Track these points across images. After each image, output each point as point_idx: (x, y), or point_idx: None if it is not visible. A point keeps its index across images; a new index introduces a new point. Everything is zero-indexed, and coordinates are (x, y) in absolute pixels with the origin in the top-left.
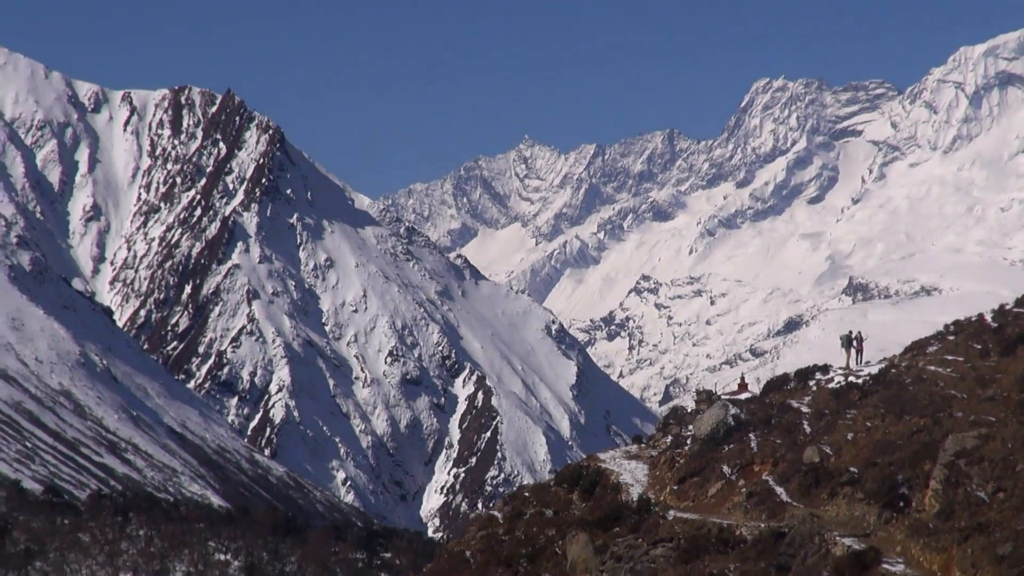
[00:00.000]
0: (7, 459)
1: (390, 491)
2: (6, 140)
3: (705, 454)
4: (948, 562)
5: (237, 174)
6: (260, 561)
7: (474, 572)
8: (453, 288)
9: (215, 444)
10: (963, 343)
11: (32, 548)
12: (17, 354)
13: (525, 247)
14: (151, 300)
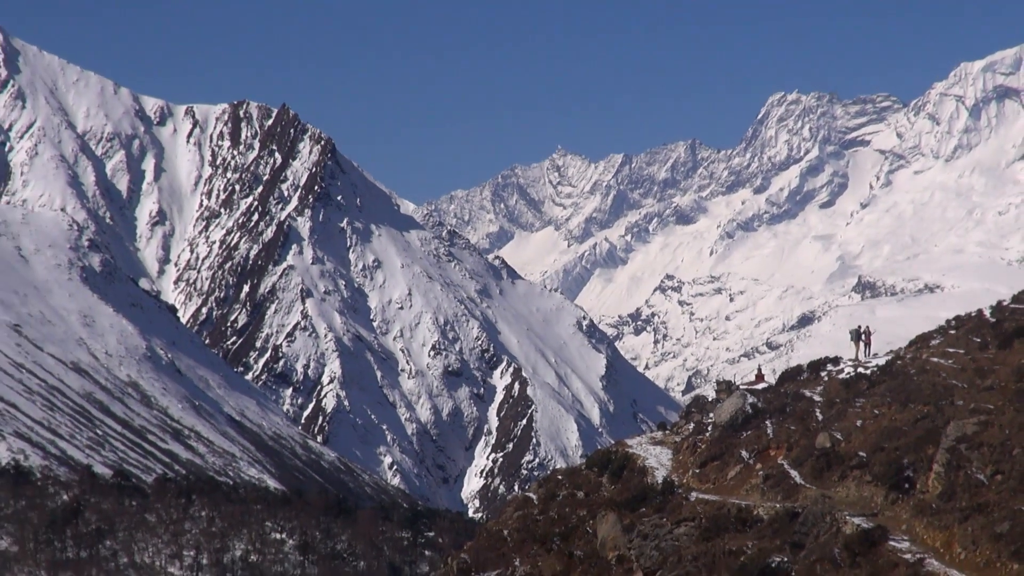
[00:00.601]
0: (79, 445)
1: (433, 474)
2: (78, 151)
3: (725, 440)
4: (950, 540)
5: (291, 182)
6: (313, 540)
7: (511, 549)
8: (491, 287)
9: (271, 431)
10: (963, 337)
11: (102, 528)
12: (89, 348)
13: (558, 249)
14: (212, 298)
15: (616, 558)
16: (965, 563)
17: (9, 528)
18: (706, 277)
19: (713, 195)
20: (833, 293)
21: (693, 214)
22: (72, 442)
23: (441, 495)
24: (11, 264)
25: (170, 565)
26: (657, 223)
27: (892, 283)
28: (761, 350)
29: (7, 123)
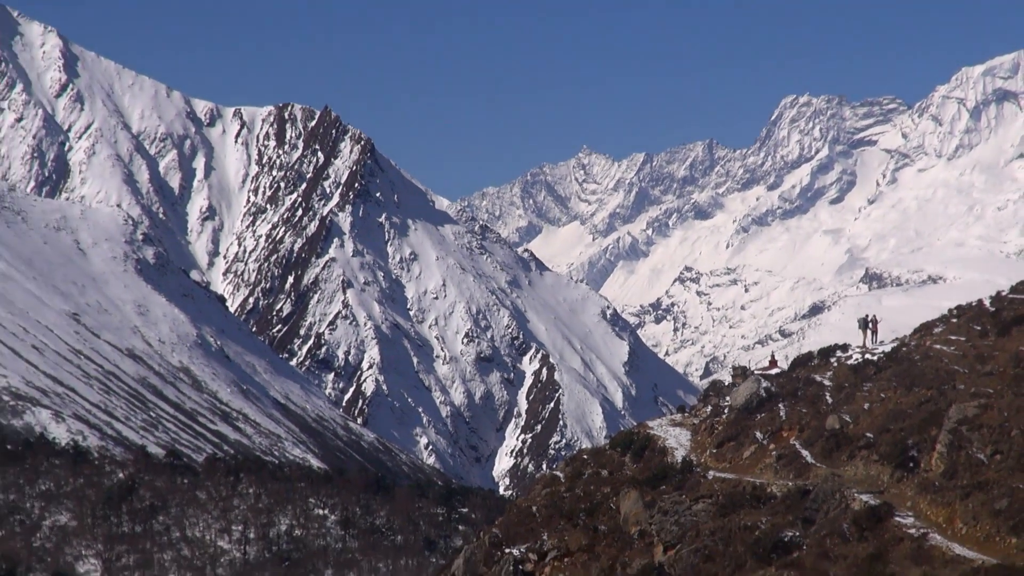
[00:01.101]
0: (134, 427)
1: (466, 454)
2: (133, 150)
3: (740, 422)
4: (952, 515)
5: (333, 180)
6: (354, 515)
7: (539, 525)
8: (521, 278)
9: (314, 414)
10: (965, 325)
11: (156, 504)
12: (143, 336)
13: (583, 242)
14: (259, 289)
15: (638, 533)
16: (966, 538)
17: (68, 504)
18: (722, 269)
19: (729, 192)
20: (842, 284)
21: (710, 210)
22: (127, 424)
23: (474, 474)
24: (70, 257)
25: (219, 539)
26: (676, 218)
27: (897, 275)
28: (774, 338)
29: (67, 124)
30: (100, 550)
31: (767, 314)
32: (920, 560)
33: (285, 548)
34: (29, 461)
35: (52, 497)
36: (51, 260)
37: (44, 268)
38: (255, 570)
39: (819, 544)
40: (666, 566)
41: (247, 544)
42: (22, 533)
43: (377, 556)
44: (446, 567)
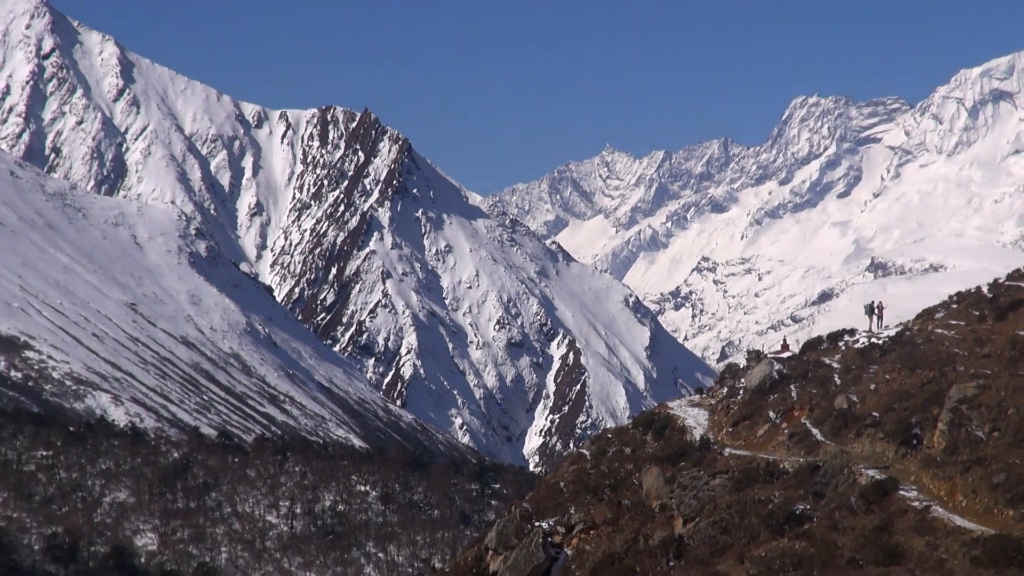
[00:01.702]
0: (188, 409)
1: (498, 434)
2: (186, 151)
3: (754, 402)
4: (953, 489)
5: (373, 177)
6: (393, 491)
7: (567, 499)
8: (549, 268)
9: (356, 396)
10: (964, 311)
11: (208, 481)
12: (196, 324)
13: (607, 235)
14: (304, 280)
15: (659, 506)
16: (966, 510)
17: (127, 482)
18: (737, 259)
19: (743, 187)
20: (849, 273)
21: (726, 204)
22: (181, 406)
23: (505, 452)
24: (127, 251)
25: (268, 514)
26: (694, 212)
27: (901, 263)
28: (786, 323)
29: (124, 127)
30: (156, 525)
31: (779, 301)
32: (923, 531)
33: (329, 522)
34: (90, 442)
35: (112, 475)
36: (110, 254)
37: (104, 261)
38: (301, 543)
39: (829, 516)
40: (685, 537)
41: (294, 519)
42: (84, 509)
43: (415, 529)
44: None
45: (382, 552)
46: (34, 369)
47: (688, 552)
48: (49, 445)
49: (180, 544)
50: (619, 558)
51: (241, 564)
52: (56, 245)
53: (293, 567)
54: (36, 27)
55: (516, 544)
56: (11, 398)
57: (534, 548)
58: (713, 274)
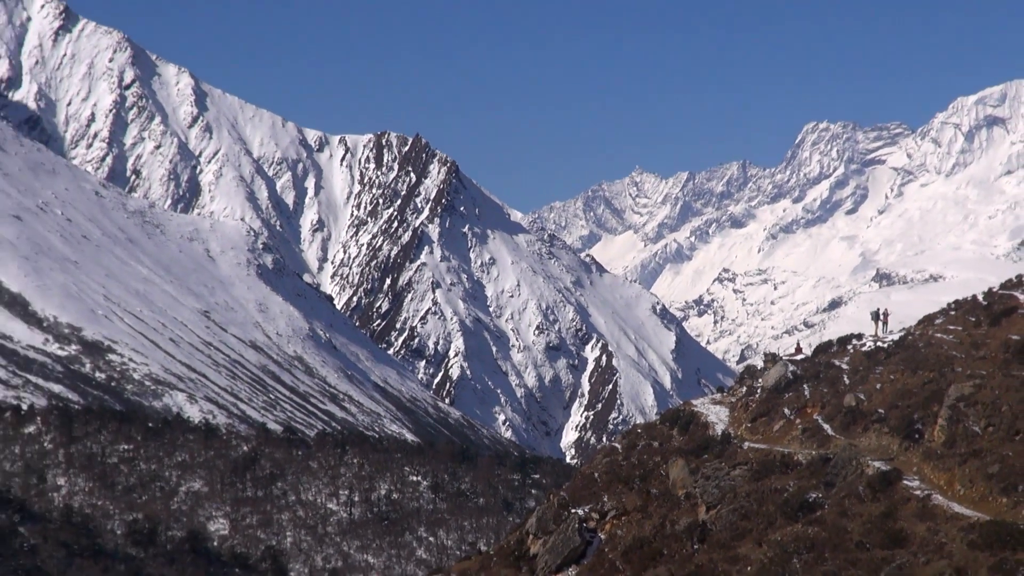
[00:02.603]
0: (256, 407)
1: (538, 429)
2: (254, 172)
3: (771, 400)
4: (951, 479)
5: (423, 196)
6: (442, 481)
7: (600, 488)
8: (583, 279)
9: (409, 395)
10: (961, 317)
11: (274, 472)
12: (263, 330)
13: (636, 248)
14: (361, 289)
15: (684, 495)
16: (963, 498)
17: (201, 473)
18: (755, 270)
19: (760, 204)
20: (856, 282)
21: (744, 220)
22: (250, 404)
23: (544, 445)
24: (201, 263)
25: (328, 502)
26: (715, 227)
27: (904, 274)
28: (799, 328)
29: (198, 151)
30: (228, 512)
31: (793, 308)
32: (925, 517)
33: (384, 509)
34: (167, 436)
35: (187, 467)
36: (185, 266)
37: (180, 273)
38: (359, 528)
39: (839, 504)
40: (708, 523)
41: (352, 506)
42: (162, 498)
43: (462, 516)
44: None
45: (432, 536)
46: (117, 370)
47: (711, 536)
48: (130, 439)
49: (249, 529)
50: (648, 542)
51: (304, 547)
52: (136, 258)
53: (351, 550)
54: (118, 60)
55: (554, 529)
56: (96, 397)
57: (571, 533)
58: (733, 284)
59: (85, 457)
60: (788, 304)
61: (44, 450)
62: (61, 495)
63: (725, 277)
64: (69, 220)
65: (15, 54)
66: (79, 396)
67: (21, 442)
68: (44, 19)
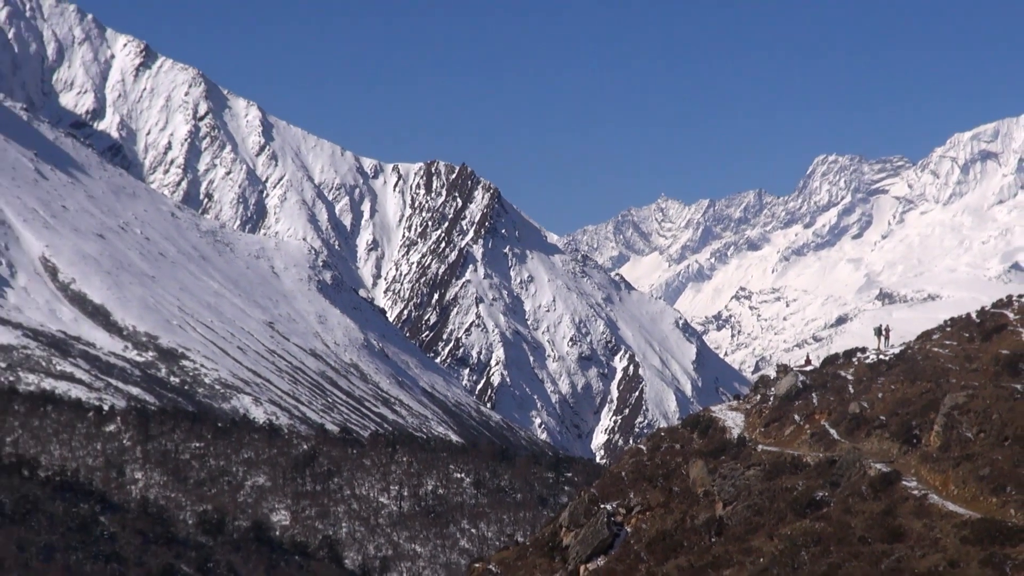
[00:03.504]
0: (315, 409)
1: (571, 431)
2: (315, 197)
3: (782, 407)
4: (946, 480)
5: (468, 220)
6: (484, 478)
7: (627, 486)
8: (613, 296)
9: (454, 400)
10: (956, 333)
11: (332, 469)
12: (322, 340)
13: (661, 268)
14: (411, 304)
15: (703, 492)
16: (957, 497)
17: (265, 469)
18: (769, 289)
19: (774, 229)
20: (861, 301)
21: (759, 243)
22: (310, 407)
23: (576, 447)
24: (267, 278)
25: (380, 496)
26: (733, 250)
27: (904, 293)
28: (809, 342)
29: (264, 176)
30: (289, 504)
31: (803, 324)
32: (921, 515)
33: (431, 503)
34: (235, 435)
35: (252, 463)
36: (252, 281)
37: (247, 287)
38: (407, 520)
39: (843, 502)
40: (725, 518)
41: (402, 500)
42: (229, 491)
43: (502, 510)
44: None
45: (474, 528)
46: (189, 375)
47: (727, 530)
48: (201, 438)
49: (308, 520)
50: (670, 535)
51: (358, 537)
52: (208, 274)
53: (400, 540)
54: (193, 94)
55: (585, 522)
56: (170, 399)
57: (600, 526)
58: (749, 301)
59: (160, 453)
60: (799, 320)
61: (123, 447)
62: (138, 487)
63: (742, 295)
64: (147, 239)
65: (100, 88)
66: (155, 398)
67: (102, 439)
68: (126, 56)
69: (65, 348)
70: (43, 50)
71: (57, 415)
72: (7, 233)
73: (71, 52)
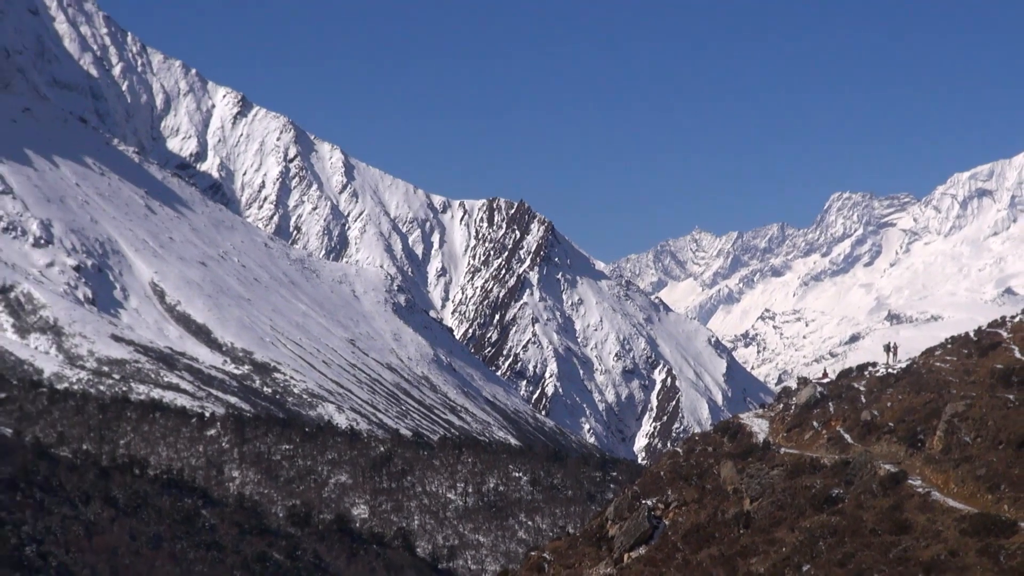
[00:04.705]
0: (391, 416)
1: (616, 436)
2: (391, 229)
3: (802, 415)
4: (947, 479)
5: (526, 249)
6: (539, 476)
7: (665, 484)
8: (653, 316)
9: (512, 408)
10: (956, 349)
11: (405, 468)
12: (397, 355)
13: (695, 292)
14: (475, 323)
15: (732, 490)
16: (957, 494)
17: (346, 468)
18: (790, 311)
19: (795, 258)
20: (872, 321)
21: (782, 270)
22: (386, 414)
23: (621, 449)
24: (348, 301)
25: (448, 492)
26: (759, 276)
27: (910, 314)
28: (825, 357)
29: (346, 211)
30: (367, 499)
31: (820, 341)
32: (925, 510)
33: (492, 499)
34: (320, 439)
35: (335, 463)
36: (335, 303)
37: (331, 309)
38: (472, 514)
39: (856, 498)
40: (751, 513)
41: (467, 496)
42: (315, 488)
43: (555, 505)
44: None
45: (530, 521)
46: (280, 386)
47: (753, 523)
48: (290, 441)
49: (384, 513)
50: (703, 527)
51: (428, 528)
52: (297, 297)
53: (465, 531)
54: (284, 139)
55: (628, 516)
56: (264, 407)
57: (641, 519)
58: (772, 321)
59: (254, 455)
60: (817, 338)
61: (222, 449)
62: (235, 484)
63: (766, 316)
64: (243, 266)
65: (202, 134)
66: (250, 406)
67: (204, 442)
68: (225, 106)
69: (171, 362)
70: (152, 100)
71: (164, 421)
72: (121, 261)
73: (177, 102)
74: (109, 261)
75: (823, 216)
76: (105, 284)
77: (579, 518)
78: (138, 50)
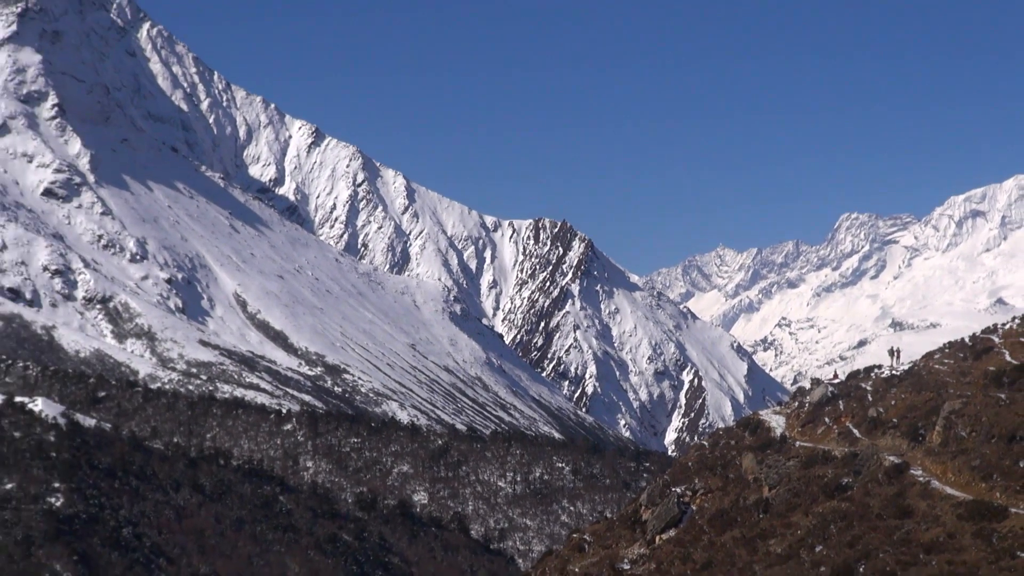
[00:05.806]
0: (448, 413)
1: (648, 430)
2: (447, 247)
3: (815, 412)
4: (945, 470)
5: (568, 264)
6: (580, 467)
7: (693, 473)
8: (682, 324)
9: (556, 406)
10: (953, 353)
11: (460, 459)
12: (453, 358)
13: (719, 302)
14: (523, 330)
15: (753, 479)
16: (954, 483)
17: (408, 459)
18: (804, 319)
19: (808, 271)
20: (877, 328)
21: (797, 282)
22: (443, 411)
23: (653, 442)
24: (410, 310)
25: (499, 481)
26: (776, 288)
27: (912, 322)
28: (836, 360)
29: (408, 231)
30: (427, 487)
31: (831, 346)
32: (925, 497)
33: (538, 487)
34: (384, 433)
35: (398, 455)
36: (399, 312)
37: (394, 317)
38: (520, 500)
39: (863, 487)
40: (770, 499)
41: (515, 484)
42: (380, 476)
43: (594, 492)
44: (636, 499)
45: (572, 507)
46: (349, 386)
47: (771, 509)
48: (358, 435)
49: (442, 500)
50: (727, 512)
51: (481, 513)
52: (364, 306)
53: (514, 515)
54: (352, 166)
55: (660, 502)
56: (334, 404)
57: (671, 505)
58: (788, 328)
59: (326, 447)
60: (828, 343)
61: (297, 442)
62: (309, 474)
63: (783, 323)
64: (317, 279)
65: (280, 161)
66: (322, 403)
67: (281, 436)
68: (301, 136)
69: (252, 365)
70: (236, 132)
71: (246, 417)
72: (208, 275)
73: (258, 133)
74: (197, 274)
75: (833, 234)
76: (193, 295)
77: (616, 504)
78: (223, 87)
